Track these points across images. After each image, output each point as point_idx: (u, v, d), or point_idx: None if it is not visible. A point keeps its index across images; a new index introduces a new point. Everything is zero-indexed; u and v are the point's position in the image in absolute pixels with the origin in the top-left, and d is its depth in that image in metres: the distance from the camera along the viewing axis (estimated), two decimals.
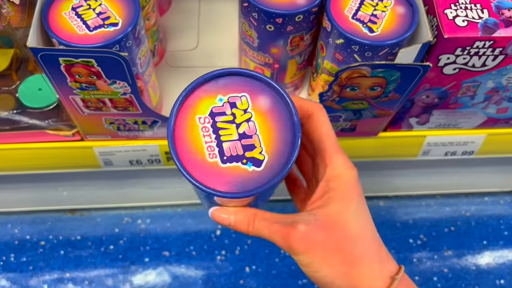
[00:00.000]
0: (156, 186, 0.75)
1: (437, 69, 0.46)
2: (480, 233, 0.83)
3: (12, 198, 0.74)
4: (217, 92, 0.30)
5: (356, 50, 0.43)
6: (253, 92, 0.30)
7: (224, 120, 0.30)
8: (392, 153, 0.61)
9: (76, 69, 0.42)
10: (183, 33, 0.63)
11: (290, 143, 0.30)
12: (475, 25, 0.42)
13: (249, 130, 0.30)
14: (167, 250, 0.78)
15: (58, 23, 0.42)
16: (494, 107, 0.53)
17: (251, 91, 0.30)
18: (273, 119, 0.30)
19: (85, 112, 0.49)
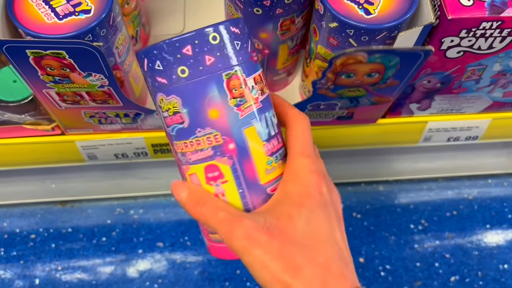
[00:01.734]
0: (148, 177, 0.72)
1: (439, 52, 0.42)
2: (483, 217, 0.80)
3: None
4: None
5: (351, 34, 0.40)
6: None
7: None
8: (392, 140, 0.58)
9: (46, 61, 0.39)
10: (168, 16, 0.59)
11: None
12: (482, 4, 0.39)
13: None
14: (161, 241, 0.76)
15: (24, 12, 0.39)
16: (501, 90, 0.50)
17: None
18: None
19: (62, 106, 0.46)
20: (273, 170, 0.34)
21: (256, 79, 0.33)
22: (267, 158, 0.34)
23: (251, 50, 0.33)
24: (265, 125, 0.34)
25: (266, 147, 0.34)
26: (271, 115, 0.35)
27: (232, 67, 0.32)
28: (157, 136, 0.53)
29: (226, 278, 0.74)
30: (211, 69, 0.32)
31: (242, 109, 0.33)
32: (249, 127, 0.33)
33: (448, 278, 0.75)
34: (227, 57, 0.32)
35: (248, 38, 0.33)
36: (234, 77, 0.32)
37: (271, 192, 0.34)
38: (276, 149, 0.35)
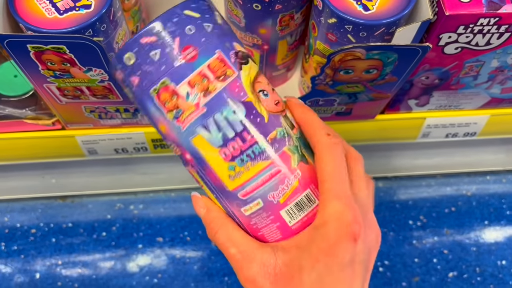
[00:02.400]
0: (148, 172, 0.73)
1: (437, 48, 0.43)
2: (482, 213, 0.81)
3: None
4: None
5: (349, 30, 0.40)
6: None
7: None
8: (390, 136, 0.58)
9: (47, 56, 0.39)
10: None
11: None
12: (479, 1, 0.39)
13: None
14: (161, 236, 0.77)
15: (25, 6, 0.39)
16: (499, 87, 0.50)
17: None
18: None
19: (63, 101, 0.46)
20: (239, 175, 0.32)
21: (193, 81, 0.30)
22: (227, 164, 0.31)
23: (180, 49, 0.30)
24: (216, 129, 0.31)
25: (222, 152, 0.31)
26: (227, 113, 0.31)
27: (156, 81, 0.30)
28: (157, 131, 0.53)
29: (226, 273, 0.74)
30: (140, 89, 0.31)
31: (181, 121, 0.31)
32: (196, 136, 0.31)
33: (446, 274, 0.75)
34: (147, 72, 0.30)
35: (174, 36, 0.30)
36: (161, 90, 0.30)
37: (243, 197, 0.32)
38: (239, 152, 0.31)
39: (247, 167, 0.31)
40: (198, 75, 0.30)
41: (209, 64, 0.30)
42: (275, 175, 0.32)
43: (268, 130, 0.31)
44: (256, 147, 0.31)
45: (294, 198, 0.32)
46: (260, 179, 0.32)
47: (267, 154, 0.31)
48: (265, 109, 0.32)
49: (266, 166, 0.31)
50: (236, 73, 0.31)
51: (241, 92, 0.31)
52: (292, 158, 0.32)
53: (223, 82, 0.30)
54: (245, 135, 0.31)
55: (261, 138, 0.31)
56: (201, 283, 0.73)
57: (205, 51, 0.30)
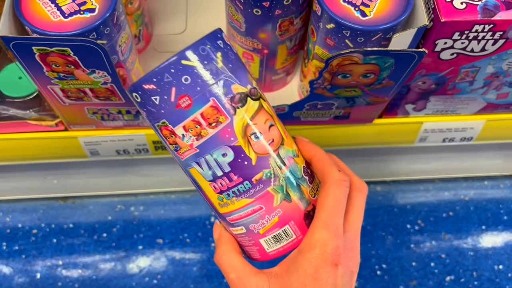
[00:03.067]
0: (149, 174, 0.73)
1: (433, 54, 0.43)
2: (479, 218, 0.81)
3: (1, 187, 0.72)
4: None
5: (347, 35, 0.41)
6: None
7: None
8: (388, 140, 0.59)
9: (51, 58, 0.40)
10: (171, 16, 0.60)
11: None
12: (474, 8, 0.40)
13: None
14: (161, 238, 0.77)
15: (31, 10, 0.40)
16: (494, 92, 0.51)
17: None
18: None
19: (66, 102, 0.47)
20: (226, 205, 0.36)
21: (187, 127, 0.33)
22: (216, 195, 0.36)
23: (176, 98, 0.33)
24: (207, 167, 0.34)
25: (212, 185, 0.35)
26: (217, 155, 0.34)
27: (158, 120, 0.34)
28: None
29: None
30: (148, 120, 0.35)
31: (180, 154, 0.35)
32: (191, 168, 0.35)
33: (443, 278, 0.76)
34: (150, 111, 0.34)
35: (170, 86, 0.32)
36: (162, 128, 0.34)
37: (230, 221, 0.37)
38: (226, 188, 0.35)
39: (232, 201, 0.35)
40: (192, 121, 0.33)
41: (202, 112, 0.33)
42: (257, 211, 0.36)
43: (254, 172, 0.34)
44: (241, 186, 0.35)
45: (272, 231, 0.36)
46: (243, 212, 0.36)
47: (251, 194, 0.35)
48: (254, 152, 0.34)
49: (249, 203, 0.35)
50: (228, 119, 0.33)
51: (231, 138, 0.34)
52: (275, 198, 0.35)
53: (214, 128, 0.33)
54: (232, 176, 0.34)
55: (246, 179, 0.35)
56: (200, 284, 0.74)
57: (199, 100, 0.33)
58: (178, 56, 0.32)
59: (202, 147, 0.34)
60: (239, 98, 0.34)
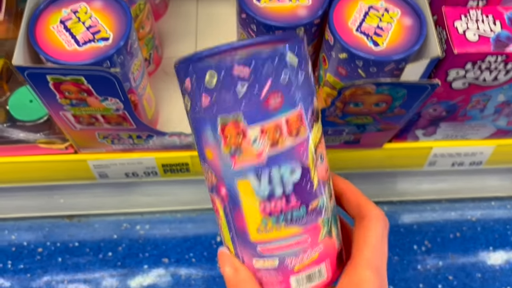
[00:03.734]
0: (154, 193, 0.73)
1: (445, 83, 0.43)
2: (486, 239, 0.81)
3: (7, 205, 0.72)
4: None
5: (360, 65, 0.41)
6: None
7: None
8: (397, 164, 0.59)
9: (65, 86, 0.40)
10: (181, 39, 0.60)
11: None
12: (487, 40, 0.40)
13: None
14: (166, 257, 0.77)
15: (46, 38, 0.40)
16: (505, 119, 0.51)
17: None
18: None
19: (77, 127, 0.47)
20: (268, 231, 0.30)
21: (265, 129, 0.28)
22: (261, 217, 0.30)
23: (268, 92, 0.27)
24: (267, 182, 0.29)
25: (263, 205, 0.30)
26: (284, 170, 0.29)
27: (230, 112, 0.27)
28: (168, 157, 0.54)
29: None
30: (206, 110, 0.28)
31: (237, 159, 0.29)
32: (244, 180, 0.29)
33: None
34: (224, 100, 0.27)
35: (268, 76, 0.27)
36: (230, 123, 0.28)
37: (261, 252, 0.31)
38: (279, 210, 0.30)
39: (279, 227, 0.30)
40: (274, 125, 0.28)
41: (288, 118, 0.28)
42: (301, 243, 0.31)
43: (313, 198, 0.31)
44: (296, 212, 0.30)
45: (308, 269, 0.32)
46: (287, 242, 0.31)
47: (303, 222, 0.31)
48: (317, 176, 0.30)
49: (297, 232, 0.31)
50: (307, 133, 0.29)
51: (304, 155, 0.29)
52: (321, 231, 0.32)
53: (294, 139, 0.29)
54: (291, 198, 0.30)
55: (304, 205, 0.30)
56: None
57: (289, 103, 0.28)
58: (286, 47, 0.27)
59: (273, 157, 0.28)
60: (317, 113, 0.30)
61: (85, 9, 0.41)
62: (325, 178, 0.31)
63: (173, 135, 0.49)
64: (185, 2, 0.62)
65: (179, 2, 0.62)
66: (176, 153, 0.53)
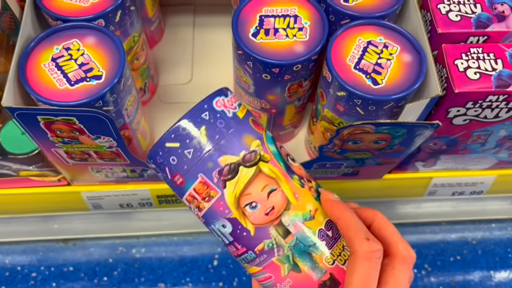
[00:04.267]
0: (151, 219, 0.72)
1: (446, 120, 0.43)
2: (487, 262, 0.80)
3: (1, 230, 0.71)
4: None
5: (359, 103, 0.40)
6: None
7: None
8: (397, 193, 0.58)
9: (56, 126, 0.39)
10: (176, 66, 0.60)
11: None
12: (488, 78, 0.39)
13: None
14: (162, 282, 0.76)
15: (37, 76, 0.39)
16: (506, 152, 0.50)
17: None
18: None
19: (70, 163, 0.46)
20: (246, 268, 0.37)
21: (188, 200, 0.35)
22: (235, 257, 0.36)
23: (171, 175, 0.34)
24: (216, 235, 0.35)
25: (229, 248, 0.36)
26: (218, 226, 0.34)
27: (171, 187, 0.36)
28: (163, 188, 0.53)
29: None
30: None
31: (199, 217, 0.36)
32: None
33: None
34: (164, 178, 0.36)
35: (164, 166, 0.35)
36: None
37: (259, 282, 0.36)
38: (236, 255, 0.35)
39: (247, 266, 0.36)
40: (190, 196, 0.35)
41: (194, 188, 0.34)
42: (268, 279, 0.35)
43: (255, 243, 0.34)
44: (246, 255, 0.35)
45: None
46: (259, 278, 0.36)
47: (257, 263, 0.35)
48: (251, 223, 0.34)
49: (259, 270, 0.35)
50: (219, 193, 0.34)
51: (225, 210, 0.34)
52: (282, 268, 0.34)
53: (208, 202, 0.34)
54: (236, 245, 0.35)
55: (249, 249, 0.34)
56: None
57: (189, 178, 0.34)
58: (162, 139, 0.34)
59: (205, 218, 0.35)
60: (228, 170, 0.33)
61: (77, 45, 0.40)
62: (264, 222, 0.34)
63: None
64: (181, 28, 0.61)
65: (175, 28, 0.61)
66: None
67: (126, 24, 0.45)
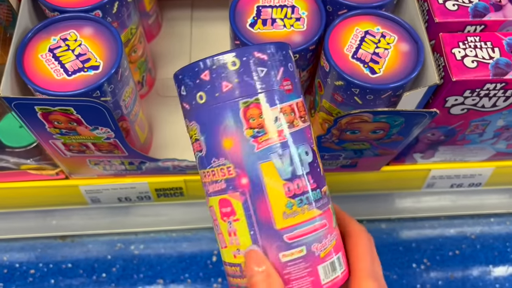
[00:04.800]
0: (149, 214, 0.72)
1: (444, 109, 0.43)
2: (486, 257, 0.80)
3: None
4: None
5: (356, 92, 0.40)
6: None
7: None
8: (395, 186, 0.58)
9: (54, 116, 0.39)
10: (174, 60, 0.59)
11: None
12: (486, 66, 0.39)
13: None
14: (161, 278, 0.75)
15: (34, 67, 0.39)
16: (504, 142, 0.50)
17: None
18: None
19: (68, 155, 0.46)
20: (294, 214, 0.31)
21: (284, 110, 0.31)
22: (286, 199, 0.30)
23: (282, 78, 0.31)
24: (289, 162, 0.31)
25: (286, 187, 0.30)
26: (301, 151, 0.31)
27: (252, 95, 0.30)
28: (161, 181, 0.53)
29: None
30: (227, 96, 0.30)
31: (259, 141, 0.30)
32: (266, 162, 0.30)
33: None
34: (247, 84, 0.30)
35: (280, 65, 0.31)
36: (253, 105, 0.30)
37: (288, 240, 0.31)
38: (301, 191, 0.31)
39: (303, 209, 0.31)
40: (289, 107, 0.31)
41: (297, 103, 0.32)
42: (323, 227, 0.32)
43: (323, 182, 0.33)
44: (315, 193, 0.32)
45: (331, 256, 0.32)
46: (311, 226, 0.31)
47: (321, 204, 0.32)
48: (321, 164, 0.33)
49: (318, 215, 0.32)
50: (308, 122, 0.33)
51: (311, 139, 0.33)
52: (333, 218, 0.34)
53: (303, 123, 0.32)
54: (309, 178, 0.31)
55: (319, 187, 0.32)
56: None
57: (296, 91, 0.32)
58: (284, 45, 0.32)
59: (292, 137, 0.31)
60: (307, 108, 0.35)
61: (74, 36, 0.40)
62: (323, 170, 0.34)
63: (167, 161, 0.48)
64: (178, 22, 0.61)
65: (173, 23, 0.61)
66: (169, 178, 0.52)
67: (124, 16, 0.45)
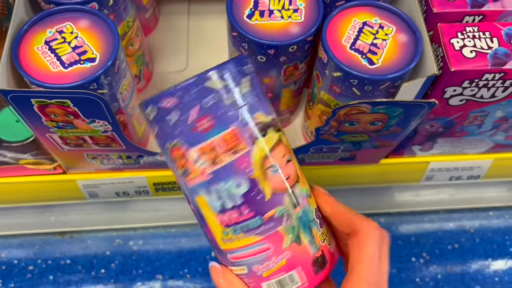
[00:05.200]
0: (148, 209, 0.72)
1: (442, 100, 0.42)
2: (485, 250, 0.80)
3: None
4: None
5: (354, 83, 0.40)
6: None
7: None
8: (394, 179, 0.58)
9: (50, 109, 0.39)
10: (172, 54, 0.59)
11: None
12: (484, 56, 0.39)
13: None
14: (160, 273, 0.75)
15: (30, 59, 0.39)
16: (503, 134, 0.50)
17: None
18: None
19: (65, 149, 0.46)
20: (230, 241, 0.33)
21: (203, 150, 0.31)
22: (222, 228, 0.33)
23: (196, 119, 0.31)
24: (217, 197, 0.32)
25: (219, 217, 0.32)
26: (230, 185, 0.32)
27: (171, 140, 0.32)
28: (159, 175, 0.53)
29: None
30: (158, 139, 0.33)
31: (188, 179, 0.32)
32: (199, 196, 0.32)
33: None
34: (164, 129, 0.32)
35: (192, 106, 0.31)
36: (174, 148, 0.32)
37: (232, 260, 0.34)
38: (233, 222, 0.32)
39: (238, 237, 0.33)
40: (209, 145, 0.31)
41: (221, 138, 0.31)
42: (264, 251, 0.33)
43: (267, 209, 0.32)
44: (250, 222, 0.32)
45: (277, 275, 0.33)
46: (249, 251, 0.33)
47: (260, 231, 0.32)
48: (269, 187, 0.32)
49: (257, 241, 0.33)
50: (247, 149, 0.31)
51: (247, 169, 0.31)
52: (285, 239, 0.33)
53: (232, 156, 0.31)
54: (243, 209, 0.32)
55: (258, 214, 0.32)
56: None
57: (220, 124, 0.31)
58: (202, 77, 0.31)
59: (216, 175, 0.31)
60: (261, 128, 0.32)
61: (70, 28, 0.40)
62: (282, 188, 0.33)
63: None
64: (176, 16, 0.61)
65: (170, 16, 0.61)
66: (168, 172, 0.52)
67: (120, 8, 0.45)
